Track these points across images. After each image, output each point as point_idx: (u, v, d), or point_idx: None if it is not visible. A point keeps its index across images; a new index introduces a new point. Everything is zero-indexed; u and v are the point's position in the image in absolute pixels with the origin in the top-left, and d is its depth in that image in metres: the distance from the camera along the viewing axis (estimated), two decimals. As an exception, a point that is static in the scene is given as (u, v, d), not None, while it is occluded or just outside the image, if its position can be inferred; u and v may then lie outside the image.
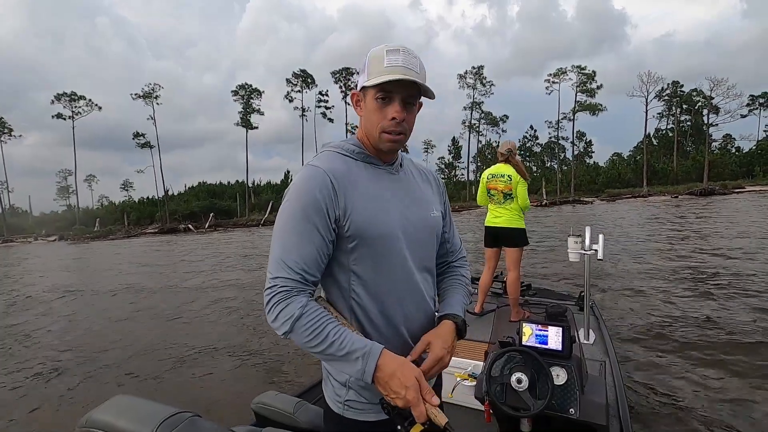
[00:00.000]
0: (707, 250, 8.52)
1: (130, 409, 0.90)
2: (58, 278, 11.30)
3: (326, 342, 0.82)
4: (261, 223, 35.91)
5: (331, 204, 0.88)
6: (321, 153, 0.99)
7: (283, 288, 0.84)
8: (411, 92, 0.91)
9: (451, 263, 1.16)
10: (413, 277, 0.97)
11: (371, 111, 0.92)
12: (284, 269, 0.85)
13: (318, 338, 0.82)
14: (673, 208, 22.96)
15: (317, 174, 0.89)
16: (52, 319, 6.59)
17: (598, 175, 49.96)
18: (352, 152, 0.97)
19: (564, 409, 1.40)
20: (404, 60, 0.88)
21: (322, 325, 0.83)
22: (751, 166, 45.20)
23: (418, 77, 0.88)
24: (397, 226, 0.94)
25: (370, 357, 0.81)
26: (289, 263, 0.86)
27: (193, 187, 57.59)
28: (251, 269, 10.34)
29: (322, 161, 0.93)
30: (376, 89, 0.89)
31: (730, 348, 3.71)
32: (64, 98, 42.30)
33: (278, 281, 0.85)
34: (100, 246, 25.06)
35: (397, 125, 0.91)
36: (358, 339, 0.84)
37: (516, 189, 3.50)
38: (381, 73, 0.87)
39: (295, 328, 0.83)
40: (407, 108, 0.92)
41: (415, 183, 1.05)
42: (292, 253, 0.86)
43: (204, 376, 3.98)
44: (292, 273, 0.85)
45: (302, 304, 0.83)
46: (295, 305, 0.83)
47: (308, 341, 0.83)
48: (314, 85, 46.58)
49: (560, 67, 47.08)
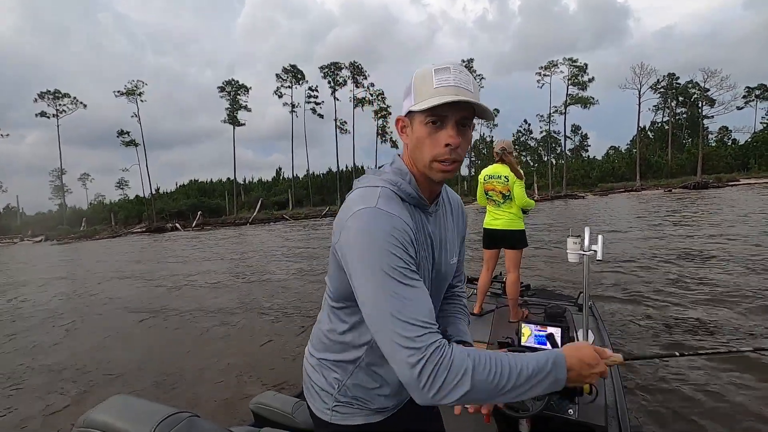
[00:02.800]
0: (707, 250, 8.30)
1: (129, 408, 0.90)
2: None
3: (512, 376, 0.72)
4: (249, 222, 35.50)
5: (415, 254, 0.81)
6: (384, 192, 0.84)
7: (431, 346, 0.71)
8: (465, 114, 0.81)
9: (452, 284, 1.16)
10: None
11: (421, 138, 0.83)
12: (423, 336, 0.72)
13: (503, 378, 0.71)
14: (660, 202, 22.48)
15: (396, 223, 0.79)
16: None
17: (592, 169, 49.47)
18: (410, 197, 0.87)
19: (563, 410, 1.43)
20: (456, 78, 0.79)
21: (498, 363, 0.72)
22: (747, 158, 44.72)
23: (472, 96, 0.79)
24: (427, 281, 0.91)
25: (559, 368, 0.76)
26: (425, 321, 0.73)
27: (184, 185, 57.19)
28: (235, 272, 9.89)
29: (391, 207, 0.82)
30: (425, 113, 0.80)
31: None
32: (47, 96, 41.44)
33: (418, 342, 0.71)
34: (79, 246, 24.63)
35: (451, 152, 0.82)
36: (533, 357, 0.76)
37: (513, 189, 3.42)
38: (431, 95, 0.79)
39: (475, 382, 0.70)
40: (461, 132, 0.82)
41: (446, 224, 1.00)
42: (419, 313, 0.74)
43: (203, 375, 3.95)
44: (432, 333, 0.73)
45: (463, 354, 0.72)
46: (458, 358, 0.71)
47: (494, 387, 0.71)
48: (304, 81, 45.97)
49: (551, 60, 46.34)
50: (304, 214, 37.39)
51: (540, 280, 6.65)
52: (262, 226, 30.76)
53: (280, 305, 6.37)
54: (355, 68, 45.96)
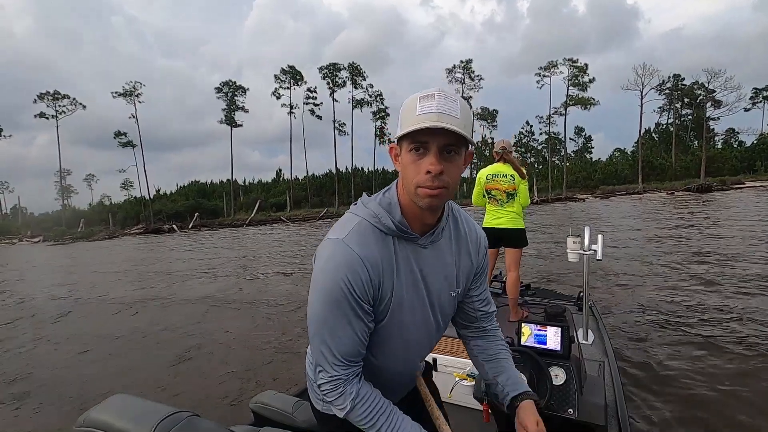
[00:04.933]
0: (707, 250, 8.27)
1: (129, 408, 0.90)
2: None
3: None
4: (246, 224, 35.32)
5: (367, 293, 0.86)
6: (358, 223, 0.89)
7: (331, 380, 0.89)
8: (450, 140, 0.80)
9: (487, 329, 1.16)
10: (416, 353, 1.04)
11: (406, 164, 0.85)
12: (329, 365, 0.88)
13: (372, 429, 0.89)
14: (660, 205, 21.89)
15: (353, 262, 0.84)
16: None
17: (594, 171, 48.68)
18: (389, 229, 0.89)
19: (563, 409, 1.42)
20: (439, 105, 0.79)
21: (374, 417, 0.89)
22: (753, 160, 43.75)
23: (453, 122, 0.78)
24: (413, 313, 0.95)
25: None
26: (335, 355, 0.88)
27: (184, 187, 57.22)
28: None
29: (358, 243, 0.86)
30: (409, 141, 0.82)
31: (732, 348, 3.62)
32: (47, 97, 41.56)
33: (324, 376, 0.90)
34: (73, 247, 24.62)
35: (433, 180, 0.81)
36: (406, 427, 0.90)
37: (519, 188, 3.49)
38: (414, 122, 0.79)
39: (350, 417, 0.90)
40: (446, 158, 0.82)
41: (448, 258, 0.99)
42: (338, 346, 0.87)
43: (203, 375, 3.96)
44: (337, 366, 0.88)
45: (352, 396, 0.88)
46: (345, 398, 0.88)
47: (364, 428, 0.90)
48: (303, 82, 45.74)
49: (551, 60, 45.62)
50: (302, 216, 37.15)
51: (540, 280, 6.68)
52: (258, 228, 30.57)
53: (277, 303, 6.43)
54: (354, 69, 45.69)
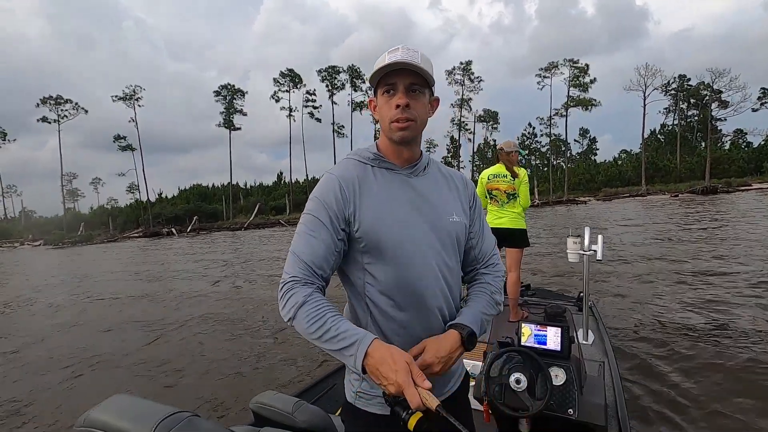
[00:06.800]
0: (707, 252, 8.17)
1: (129, 408, 0.90)
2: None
3: (323, 329, 0.86)
4: (245, 227, 35.16)
5: (339, 207, 0.96)
6: (341, 161, 1.06)
7: (292, 279, 0.92)
8: (414, 80, 0.95)
9: (478, 270, 1.15)
10: (427, 281, 1.00)
11: (380, 106, 0.99)
12: (295, 264, 0.94)
13: (316, 325, 0.87)
14: (661, 208, 21.34)
15: (329, 180, 0.99)
16: None
17: (597, 173, 47.93)
18: (367, 158, 1.03)
19: (563, 410, 1.42)
20: (403, 54, 0.93)
21: (321, 313, 0.87)
22: (760, 162, 42.78)
23: (414, 60, 0.92)
24: (406, 229, 0.98)
25: (361, 344, 0.83)
26: (301, 258, 0.94)
27: (185, 190, 57.38)
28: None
29: (337, 168, 1.02)
30: (381, 87, 0.97)
31: (732, 348, 3.59)
32: (49, 102, 41.85)
33: (289, 274, 0.94)
34: (71, 251, 24.49)
35: (402, 111, 0.95)
36: (353, 328, 0.87)
37: (519, 188, 3.50)
38: (383, 68, 0.94)
39: (297, 315, 0.89)
40: (413, 95, 0.96)
41: (436, 187, 1.07)
42: (304, 250, 0.94)
43: (202, 375, 3.96)
44: (302, 267, 0.93)
45: (307, 293, 0.90)
46: (300, 294, 0.90)
47: (308, 328, 0.88)
48: (302, 85, 45.67)
49: (551, 61, 45.13)
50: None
51: (540, 280, 6.66)
52: (255, 231, 30.41)
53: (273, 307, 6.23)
54: (353, 72, 45.56)
